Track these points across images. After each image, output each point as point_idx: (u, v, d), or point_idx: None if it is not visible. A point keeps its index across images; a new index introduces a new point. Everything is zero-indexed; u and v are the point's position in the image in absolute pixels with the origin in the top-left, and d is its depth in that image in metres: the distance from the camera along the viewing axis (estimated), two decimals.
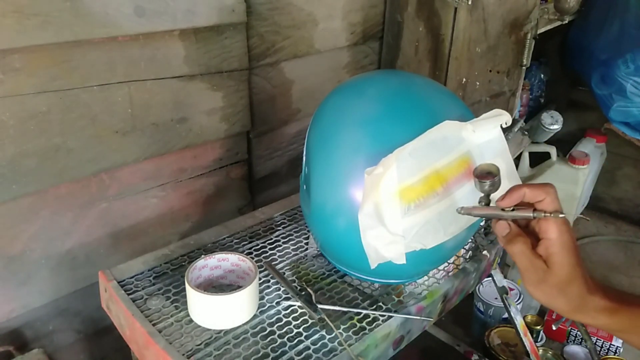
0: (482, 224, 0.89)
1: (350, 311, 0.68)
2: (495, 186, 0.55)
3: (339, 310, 0.68)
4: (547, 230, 0.52)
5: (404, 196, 0.57)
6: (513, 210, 0.54)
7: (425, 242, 0.59)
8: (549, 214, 0.52)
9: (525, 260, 0.53)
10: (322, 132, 0.67)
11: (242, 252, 0.77)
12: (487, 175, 0.55)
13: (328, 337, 0.64)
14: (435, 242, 0.60)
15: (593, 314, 0.54)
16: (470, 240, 0.82)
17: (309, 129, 0.70)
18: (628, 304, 0.54)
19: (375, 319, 0.67)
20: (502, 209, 0.54)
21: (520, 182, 0.63)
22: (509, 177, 0.60)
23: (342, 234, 0.65)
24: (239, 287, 0.63)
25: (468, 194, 0.60)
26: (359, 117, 0.64)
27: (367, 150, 0.61)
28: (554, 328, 1.26)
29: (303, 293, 0.70)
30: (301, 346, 0.62)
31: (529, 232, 0.55)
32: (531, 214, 0.53)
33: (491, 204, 0.56)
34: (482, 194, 0.56)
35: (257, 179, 1.10)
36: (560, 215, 0.52)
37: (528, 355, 0.89)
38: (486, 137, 0.61)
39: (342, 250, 0.69)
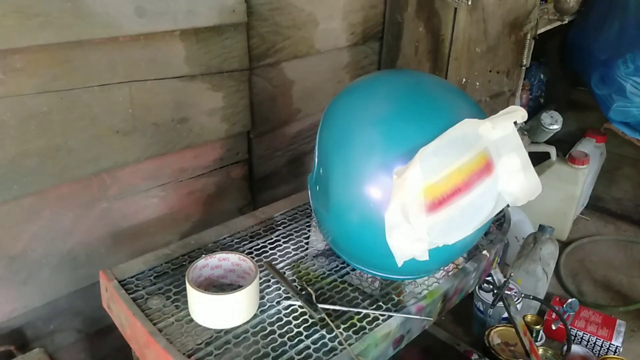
0: None
1: (350, 311, 0.68)
2: None
3: (339, 310, 0.68)
4: None
5: (428, 194, 0.58)
6: None
7: (448, 239, 0.61)
8: None
9: None
10: (338, 132, 0.68)
11: (243, 251, 0.78)
12: None
13: (328, 336, 0.64)
14: (458, 237, 0.61)
15: None
16: None
17: (320, 130, 0.71)
18: None
19: (375, 319, 0.67)
20: None
21: (535, 174, 0.64)
22: (524, 171, 0.62)
23: (359, 230, 0.66)
24: (239, 287, 0.63)
25: (487, 188, 0.62)
26: (375, 116, 0.65)
27: (383, 149, 0.62)
28: (553, 328, 1.26)
29: (303, 293, 0.70)
30: (301, 345, 0.62)
31: None
32: None
33: None
34: None
35: (258, 179, 1.11)
36: None
37: (528, 355, 0.89)
38: (502, 133, 0.62)
39: (360, 246, 0.69)
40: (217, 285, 0.70)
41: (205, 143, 0.96)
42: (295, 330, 0.65)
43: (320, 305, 0.67)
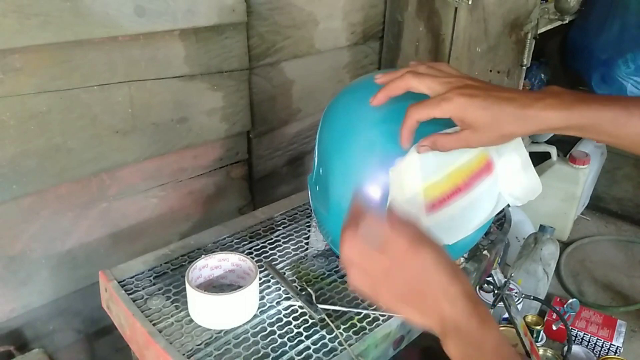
0: None
1: (350, 311, 0.68)
2: None
3: (339, 310, 0.68)
4: (445, 114, 0.53)
5: (428, 194, 0.58)
6: None
7: (448, 239, 0.61)
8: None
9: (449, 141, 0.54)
10: (338, 132, 0.67)
11: (243, 252, 0.77)
12: None
13: (328, 337, 0.64)
14: (458, 237, 0.62)
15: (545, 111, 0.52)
16: None
17: (320, 130, 0.71)
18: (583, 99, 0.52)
19: (375, 319, 0.67)
20: None
21: (536, 174, 0.64)
22: (525, 170, 0.61)
23: None
24: (239, 287, 0.63)
25: (488, 188, 0.61)
26: (375, 116, 0.64)
27: (383, 148, 0.62)
28: (554, 328, 1.26)
29: (303, 293, 0.70)
30: (301, 346, 0.62)
31: None
32: None
33: None
34: None
35: (258, 179, 1.10)
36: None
37: (528, 355, 0.89)
38: None
39: None
40: (217, 286, 0.70)
41: (205, 143, 0.96)
42: (295, 330, 0.64)
43: (320, 306, 0.67)
